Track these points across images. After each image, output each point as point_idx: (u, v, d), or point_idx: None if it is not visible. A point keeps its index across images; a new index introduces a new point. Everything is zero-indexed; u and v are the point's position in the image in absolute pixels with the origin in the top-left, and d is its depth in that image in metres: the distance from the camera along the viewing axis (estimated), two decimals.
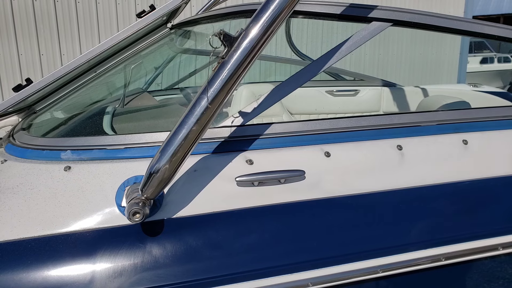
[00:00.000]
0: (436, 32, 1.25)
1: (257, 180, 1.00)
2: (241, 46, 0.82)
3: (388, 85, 2.74)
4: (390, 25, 1.18)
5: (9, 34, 4.50)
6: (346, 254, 1.00)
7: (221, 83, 0.83)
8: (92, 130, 1.32)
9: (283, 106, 2.41)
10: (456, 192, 1.13)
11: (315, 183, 1.04)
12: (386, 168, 1.10)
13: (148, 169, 0.86)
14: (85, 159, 1.01)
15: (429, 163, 1.14)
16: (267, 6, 0.82)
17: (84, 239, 0.91)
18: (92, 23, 4.81)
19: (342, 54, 1.13)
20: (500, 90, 2.89)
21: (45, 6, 4.59)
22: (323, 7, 1.21)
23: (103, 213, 0.94)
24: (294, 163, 1.04)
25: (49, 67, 4.68)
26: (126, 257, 0.90)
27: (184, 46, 2.19)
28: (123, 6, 4.89)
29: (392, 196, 1.08)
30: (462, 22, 1.25)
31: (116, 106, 1.58)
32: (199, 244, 0.94)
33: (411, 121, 1.18)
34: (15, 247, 0.88)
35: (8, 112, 1.52)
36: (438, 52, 6.39)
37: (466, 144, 1.18)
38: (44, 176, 0.98)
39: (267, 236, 0.98)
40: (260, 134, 1.07)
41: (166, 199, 0.96)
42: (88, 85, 1.75)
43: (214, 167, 1.01)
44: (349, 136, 1.12)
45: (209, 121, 0.85)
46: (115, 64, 1.82)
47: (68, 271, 0.87)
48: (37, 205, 0.93)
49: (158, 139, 1.03)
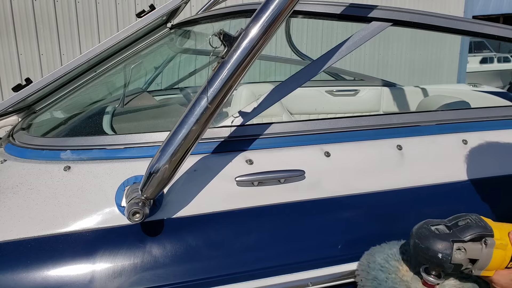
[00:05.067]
0: (436, 32, 1.25)
1: (257, 180, 1.00)
2: (241, 46, 0.82)
3: (388, 85, 2.74)
4: (390, 25, 1.18)
5: (8, 34, 4.50)
6: (346, 254, 1.00)
7: (221, 83, 0.83)
8: (91, 130, 1.32)
9: (283, 106, 2.41)
10: (456, 191, 1.13)
11: (315, 183, 1.04)
12: (386, 168, 1.10)
13: (148, 169, 0.86)
14: (85, 159, 1.01)
15: (429, 163, 1.14)
16: (267, 6, 0.82)
17: (84, 239, 0.91)
18: (92, 23, 4.81)
19: (342, 54, 1.13)
20: (500, 90, 2.89)
21: (45, 6, 4.59)
22: (323, 7, 1.21)
23: (103, 213, 0.94)
24: (294, 163, 1.04)
25: (49, 67, 4.67)
26: (126, 257, 0.90)
27: (184, 46, 2.19)
28: (123, 6, 4.89)
29: (392, 196, 1.08)
30: (462, 22, 1.25)
31: (116, 106, 1.58)
32: (199, 244, 0.94)
33: (411, 121, 1.18)
34: (15, 247, 0.88)
35: (8, 112, 1.52)
36: (438, 52, 6.39)
37: (466, 144, 1.18)
38: (44, 176, 0.98)
39: (267, 236, 0.98)
40: (260, 134, 1.07)
41: (166, 199, 0.96)
42: (88, 85, 1.75)
43: (214, 167, 1.01)
44: (349, 136, 1.12)
45: (209, 121, 0.85)
46: (115, 64, 1.82)
47: (68, 271, 0.87)
48: (36, 205, 0.93)
49: (158, 139, 1.03)
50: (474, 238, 0.79)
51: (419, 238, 0.81)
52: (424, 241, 0.80)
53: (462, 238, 0.78)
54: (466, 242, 0.78)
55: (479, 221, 0.81)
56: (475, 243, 0.79)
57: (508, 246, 0.78)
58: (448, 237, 0.79)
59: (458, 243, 0.78)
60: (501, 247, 0.78)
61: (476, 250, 0.78)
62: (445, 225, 0.82)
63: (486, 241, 0.78)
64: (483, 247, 0.78)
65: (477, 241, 0.79)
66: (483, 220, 0.81)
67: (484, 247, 0.78)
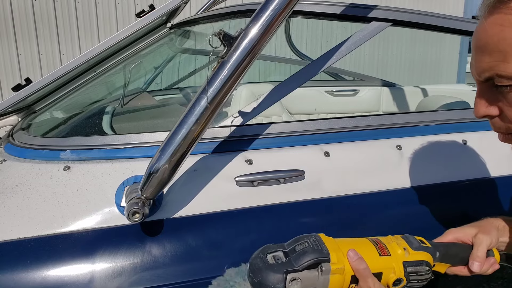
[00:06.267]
0: (435, 32, 1.25)
1: (257, 180, 1.00)
2: (240, 46, 0.82)
3: (388, 85, 2.74)
4: (390, 25, 1.18)
5: (8, 34, 4.50)
6: None
7: (220, 83, 0.83)
8: (91, 130, 1.32)
9: (283, 106, 2.41)
10: (456, 191, 1.13)
11: (315, 183, 1.04)
12: (386, 168, 1.10)
13: (148, 169, 0.86)
14: (85, 159, 1.01)
15: (428, 163, 1.14)
16: (267, 6, 0.82)
17: (84, 239, 0.91)
18: (92, 23, 4.81)
19: (341, 54, 1.13)
20: None
21: (45, 6, 4.59)
22: (322, 7, 1.21)
23: (103, 213, 0.94)
24: (293, 163, 1.04)
25: (49, 67, 4.67)
26: (126, 257, 0.89)
27: (184, 46, 2.19)
28: (122, 6, 4.89)
29: (392, 195, 1.08)
30: (462, 22, 1.25)
31: (115, 106, 1.58)
32: (198, 244, 0.94)
33: (410, 121, 1.18)
34: (15, 247, 0.88)
35: (8, 112, 1.52)
36: (438, 52, 6.39)
37: (466, 144, 1.18)
38: (44, 176, 0.98)
39: (266, 236, 0.98)
40: (259, 134, 1.07)
41: (165, 199, 0.96)
42: (87, 85, 1.75)
43: (213, 167, 1.01)
44: (348, 136, 1.12)
45: (208, 121, 0.85)
46: (114, 64, 1.82)
47: (68, 271, 0.87)
48: (36, 205, 0.93)
49: (158, 139, 1.03)
50: (310, 265, 0.69)
51: (252, 271, 0.70)
52: (257, 275, 0.69)
53: (297, 267, 0.69)
54: (301, 271, 0.69)
55: (316, 245, 0.71)
56: (312, 270, 0.69)
57: (346, 269, 0.70)
58: (282, 268, 0.69)
59: (292, 273, 0.68)
60: (338, 271, 0.69)
61: (312, 279, 0.70)
62: (282, 251, 0.72)
63: (321, 268, 0.69)
64: (319, 275, 0.69)
65: (313, 268, 0.69)
66: (322, 242, 0.72)
67: (320, 274, 0.69)
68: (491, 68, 0.60)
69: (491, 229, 0.82)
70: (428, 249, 0.77)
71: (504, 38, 0.57)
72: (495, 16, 0.59)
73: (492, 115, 0.65)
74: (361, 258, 0.71)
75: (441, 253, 0.78)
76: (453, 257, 0.81)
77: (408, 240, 0.77)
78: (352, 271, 0.70)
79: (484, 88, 0.65)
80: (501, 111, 0.64)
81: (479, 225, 0.84)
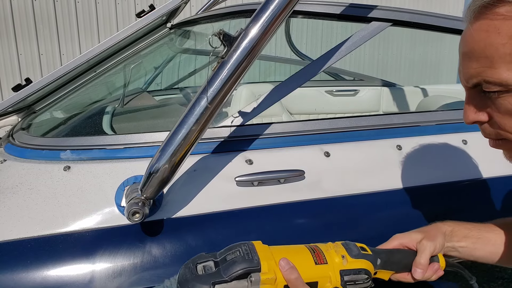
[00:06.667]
0: (436, 32, 1.25)
1: (257, 180, 1.00)
2: (240, 46, 0.82)
3: (388, 85, 2.74)
4: (390, 25, 1.18)
5: (8, 34, 4.50)
6: None
7: (220, 83, 0.83)
8: (91, 130, 1.32)
9: (283, 106, 2.41)
10: (457, 191, 1.13)
11: (315, 183, 1.04)
12: (386, 168, 1.10)
13: (148, 169, 0.86)
14: (85, 159, 1.01)
15: (428, 163, 1.14)
16: (267, 6, 0.82)
17: (84, 239, 0.91)
18: (92, 23, 4.81)
19: (341, 54, 1.13)
20: None
21: (45, 6, 4.59)
22: (322, 7, 1.21)
23: (103, 213, 0.94)
24: (293, 163, 1.04)
25: (49, 67, 4.68)
26: (126, 257, 0.89)
27: (184, 46, 2.19)
28: (122, 6, 4.90)
29: (392, 195, 1.08)
30: (461, 22, 1.24)
31: (115, 106, 1.58)
32: (198, 244, 0.94)
33: (410, 121, 1.18)
34: (15, 247, 0.88)
35: (8, 112, 1.52)
36: (438, 52, 6.39)
37: (466, 144, 1.18)
38: (44, 176, 0.98)
39: (266, 236, 0.98)
40: (259, 134, 1.07)
41: (165, 199, 0.96)
42: (87, 85, 1.75)
43: (213, 167, 1.01)
44: (348, 136, 1.12)
45: (208, 121, 0.85)
46: (114, 64, 1.82)
47: (68, 271, 0.87)
48: (36, 205, 0.93)
49: (158, 139, 1.03)
50: (240, 276, 0.66)
51: (180, 283, 0.68)
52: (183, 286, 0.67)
53: (225, 278, 0.66)
54: (230, 282, 0.66)
55: (247, 254, 0.68)
56: (241, 281, 0.67)
57: (278, 279, 0.67)
58: (210, 279, 0.66)
59: (220, 284, 0.66)
60: (268, 282, 0.67)
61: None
62: (213, 260, 0.70)
63: (251, 278, 0.67)
64: (249, 285, 0.67)
65: (243, 279, 0.67)
66: (254, 250, 0.69)
67: (250, 284, 0.67)
68: (478, 74, 0.59)
69: (436, 234, 0.80)
70: (368, 257, 0.75)
71: (491, 44, 0.57)
72: (480, 22, 0.58)
73: (481, 121, 0.64)
74: (293, 267, 0.68)
75: (383, 260, 0.77)
76: (396, 264, 0.79)
77: (348, 247, 0.75)
78: (284, 281, 0.68)
79: (472, 94, 0.64)
80: (490, 117, 0.63)
81: (425, 230, 0.82)
